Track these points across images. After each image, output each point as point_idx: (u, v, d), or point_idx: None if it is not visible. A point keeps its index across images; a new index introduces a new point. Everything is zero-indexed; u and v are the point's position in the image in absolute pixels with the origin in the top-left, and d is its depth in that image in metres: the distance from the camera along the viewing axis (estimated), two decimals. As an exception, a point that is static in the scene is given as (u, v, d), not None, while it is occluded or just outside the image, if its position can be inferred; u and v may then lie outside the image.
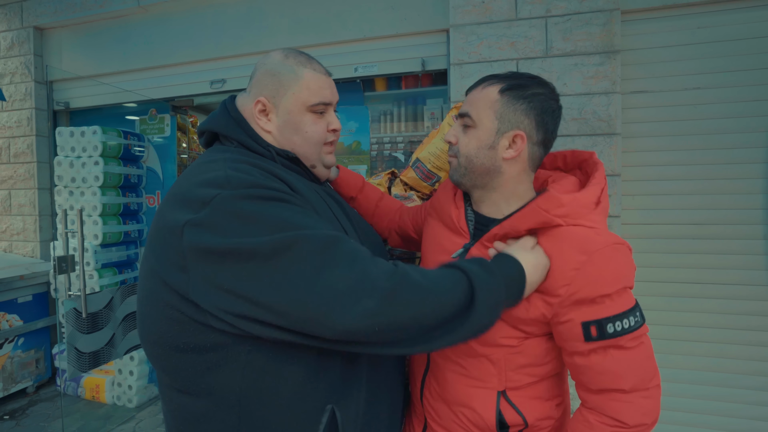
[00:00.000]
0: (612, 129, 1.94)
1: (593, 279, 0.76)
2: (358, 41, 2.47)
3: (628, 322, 0.77)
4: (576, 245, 0.78)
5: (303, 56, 0.92)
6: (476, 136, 0.87)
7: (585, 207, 0.82)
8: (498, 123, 0.85)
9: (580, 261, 0.77)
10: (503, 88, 0.85)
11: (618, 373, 0.77)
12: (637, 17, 1.99)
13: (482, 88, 0.88)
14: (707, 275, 1.97)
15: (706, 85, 1.95)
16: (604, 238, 0.79)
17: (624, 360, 0.77)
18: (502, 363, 0.85)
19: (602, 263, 0.76)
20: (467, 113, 0.88)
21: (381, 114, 2.75)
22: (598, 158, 0.93)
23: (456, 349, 0.89)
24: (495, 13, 2.09)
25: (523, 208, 0.82)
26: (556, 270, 0.79)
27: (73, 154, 2.79)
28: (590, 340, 0.77)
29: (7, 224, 3.24)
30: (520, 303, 0.80)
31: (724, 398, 1.95)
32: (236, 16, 2.69)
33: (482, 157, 0.86)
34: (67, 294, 2.17)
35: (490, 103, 0.85)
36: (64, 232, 2.28)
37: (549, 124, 0.86)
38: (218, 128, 0.90)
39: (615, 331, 0.76)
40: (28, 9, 3.10)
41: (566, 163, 0.99)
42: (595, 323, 0.77)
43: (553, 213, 0.79)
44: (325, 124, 0.93)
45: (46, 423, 2.61)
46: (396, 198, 1.41)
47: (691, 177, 1.98)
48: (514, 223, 0.83)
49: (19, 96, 3.15)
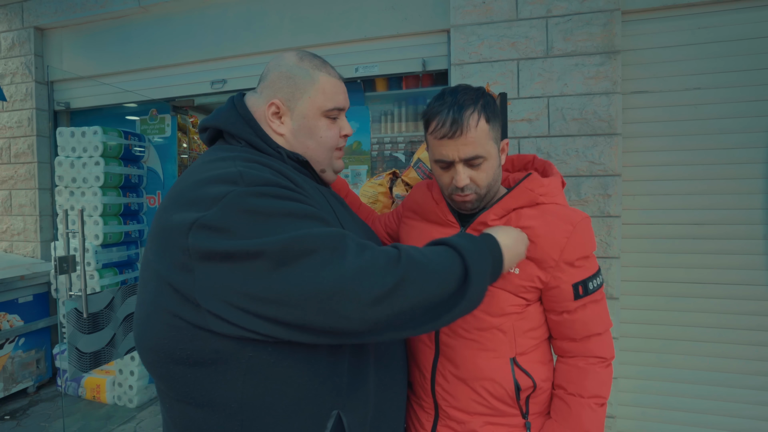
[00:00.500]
0: (612, 129, 1.94)
1: (579, 244, 0.94)
2: (358, 41, 2.48)
3: (599, 280, 0.99)
4: (563, 218, 0.95)
5: (318, 59, 0.91)
6: (490, 164, 0.93)
7: (557, 188, 1.01)
8: (495, 144, 0.94)
9: (568, 230, 0.94)
10: (487, 117, 0.90)
11: (596, 320, 0.98)
12: (637, 17, 2.00)
13: (475, 125, 0.89)
14: (707, 275, 1.98)
15: (707, 86, 1.95)
16: (579, 213, 0.98)
17: (597, 310, 0.98)
18: (511, 331, 0.97)
19: (583, 232, 0.95)
20: (478, 155, 0.90)
21: (382, 114, 2.75)
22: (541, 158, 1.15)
23: (468, 325, 0.98)
24: (496, 14, 2.09)
25: (513, 190, 0.98)
26: (548, 238, 0.94)
27: (74, 155, 2.79)
28: (578, 297, 0.96)
29: (7, 224, 3.24)
30: (517, 273, 0.95)
31: (724, 398, 1.95)
32: (237, 16, 2.70)
33: (496, 176, 0.96)
34: (68, 294, 2.17)
35: (487, 135, 0.90)
36: (64, 233, 2.28)
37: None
38: (225, 125, 0.88)
39: (593, 287, 0.97)
40: (28, 9, 3.10)
41: (514, 165, 1.16)
42: (581, 283, 0.96)
43: (537, 192, 0.97)
44: (338, 129, 0.93)
45: (46, 423, 2.61)
46: (398, 198, 1.41)
47: (692, 177, 1.99)
48: (505, 204, 0.97)
49: (20, 96, 3.16)
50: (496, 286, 0.95)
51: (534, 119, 2.04)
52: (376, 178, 1.53)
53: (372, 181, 1.51)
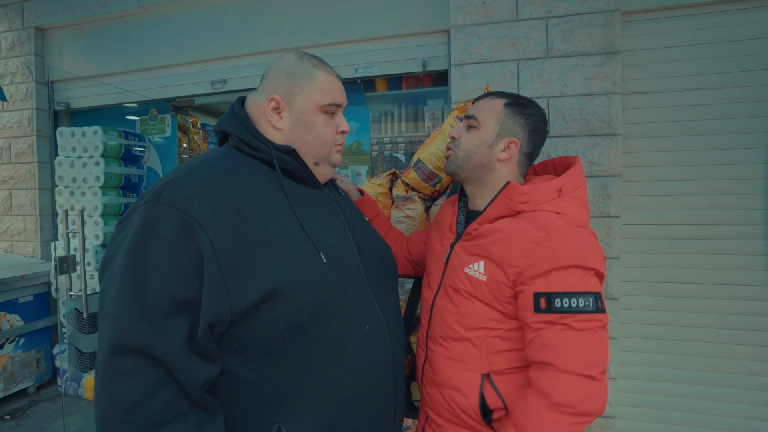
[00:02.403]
0: (612, 130, 1.94)
1: (549, 252, 0.85)
2: (359, 42, 2.48)
3: (577, 302, 0.82)
4: (536, 224, 0.88)
5: (316, 59, 0.95)
6: (478, 135, 1.02)
7: (545, 195, 0.94)
8: (499, 128, 1.01)
9: (539, 236, 0.86)
10: (508, 102, 1.03)
11: (557, 348, 0.82)
12: (637, 18, 2.00)
13: (490, 98, 1.05)
14: (707, 275, 1.98)
15: (707, 86, 1.95)
16: (565, 220, 0.89)
17: (566, 339, 0.82)
18: (483, 346, 0.93)
19: (559, 240, 0.86)
20: (474, 116, 1.04)
21: (382, 114, 2.76)
22: (580, 160, 1.09)
23: (444, 333, 0.99)
24: (496, 14, 2.09)
25: (493, 201, 0.97)
26: (515, 243, 0.88)
27: (74, 155, 2.80)
28: (539, 311, 0.84)
29: (7, 224, 3.24)
30: (485, 280, 0.92)
31: (724, 398, 1.95)
32: (237, 16, 2.70)
33: (480, 154, 1.02)
34: (68, 294, 2.17)
35: (495, 111, 1.02)
36: (65, 233, 2.28)
37: (537, 142, 1.04)
38: (223, 126, 0.94)
39: (562, 306, 0.83)
40: (29, 9, 3.10)
41: (556, 169, 1.11)
42: (544, 295, 0.84)
43: (515, 200, 0.93)
44: (335, 125, 0.95)
45: (47, 423, 2.61)
46: (398, 198, 1.41)
47: (692, 178, 1.99)
48: (488, 214, 0.97)
49: (20, 96, 3.16)
50: (468, 294, 0.95)
51: (534, 120, 2.03)
52: (376, 178, 1.53)
53: (372, 181, 1.51)
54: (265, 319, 0.74)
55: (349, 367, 0.82)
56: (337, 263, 0.83)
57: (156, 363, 0.67)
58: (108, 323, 0.68)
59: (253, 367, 0.76)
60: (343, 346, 0.81)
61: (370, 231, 1.05)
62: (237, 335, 0.75)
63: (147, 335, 0.67)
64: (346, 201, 1.08)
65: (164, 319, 0.68)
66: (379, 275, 0.97)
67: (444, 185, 1.42)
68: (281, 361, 0.76)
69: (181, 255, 0.70)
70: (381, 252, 1.03)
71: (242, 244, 0.74)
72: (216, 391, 0.76)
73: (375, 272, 0.95)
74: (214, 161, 0.83)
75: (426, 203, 1.45)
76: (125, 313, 0.67)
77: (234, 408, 0.76)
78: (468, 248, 0.99)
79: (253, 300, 0.73)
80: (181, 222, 0.71)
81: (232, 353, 0.76)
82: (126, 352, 0.66)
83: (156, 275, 0.69)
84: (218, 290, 0.71)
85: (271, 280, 0.74)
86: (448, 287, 1.01)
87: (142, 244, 0.70)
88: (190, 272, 0.70)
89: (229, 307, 0.72)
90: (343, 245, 0.90)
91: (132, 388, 0.66)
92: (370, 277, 0.92)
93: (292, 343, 0.77)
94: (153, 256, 0.70)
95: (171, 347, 0.67)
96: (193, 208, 0.73)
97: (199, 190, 0.75)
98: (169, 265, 0.70)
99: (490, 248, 0.92)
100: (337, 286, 0.82)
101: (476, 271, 0.94)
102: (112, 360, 0.67)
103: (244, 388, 0.76)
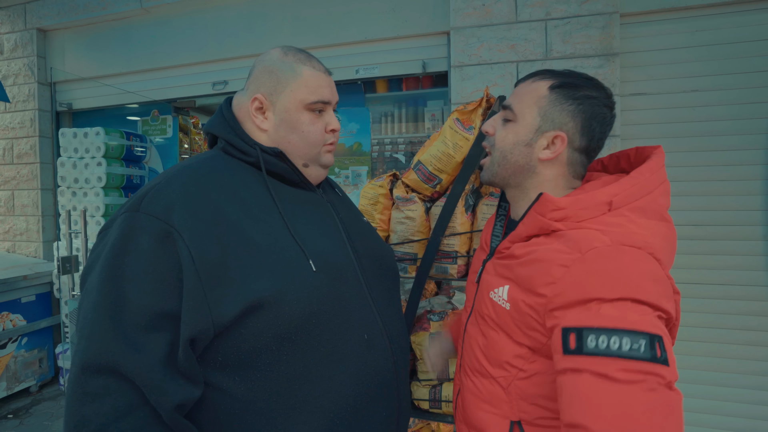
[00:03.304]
0: (611, 131, 1.96)
1: (582, 278, 0.63)
2: (359, 43, 2.49)
3: (619, 342, 0.58)
4: (570, 243, 0.67)
5: (302, 54, 0.89)
6: (514, 130, 0.81)
7: (589, 209, 0.71)
8: (540, 120, 0.79)
9: (570, 258, 0.65)
10: (554, 84, 0.79)
11: (591, 403, 0.58)
12: (635, 20, 2.01)
13: (532, 81, 0.81)
14: (706, 276, 1.99)
15: (704, 88, 1.97)
16: (610, 238, 0.66)
17: (604, 392, 0.57)
18: (512, 389, 0.75)
19: (596, 262, 0.64)
20: (510, 106, 0.82)
21: (382, 115, 2.77)
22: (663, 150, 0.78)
23: (471, 364, 0.85)
24: (495, 16, 2.10)
25: (524, 217, 0.76)
26: (541, 268, 0.68)
27: (76, 155, 2.81)
28: (568, 353, 0.62)
29: (10, 225, 3.26)
30: (508, 309, 0.74)
31: (722, 397, 1.97)
32: (238, 18, 2.71)
33: (517, 154, 0.81)
34: (70, 294, 2.19)
35: (536, 99, 0.79)
36: (67, 233, 2.30)
37: (596, 131, 0.78)
38: (211, 128, 0.91)
39: (597, 347, 0.59)
40: (31, 11, 3.12)
41: (630, 163, 0.85)
42: (575, 330, 0.62)
43: (549, 217, 0.72)
44: (324, 124, 0.89)
45: (49, 422, 2.63)
46: (398, 200, 1.42)
47: (690, 178, 2.00)
48: (519, 232, 0.77)
49: (23, 97, 3.17)
50: (493, 323, 0.79)
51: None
52: (377, 179, 1.54)
53: (373, 182, 1.53)
54: (250, 331, 0.70)
55: (345, 378, 0.77)
56: (328, 270, 0.79)
57: (128, 384, 0.64)
58: (81, 339, 0.65)
59: (241, 380, 0.72)
60: (337, 357, 0.76)
61: (367, 232, 0.99)
62: (221, 348, 0.71)
63: (120, 353, 0.63)
64: (342, 202, 1.01)
65: (141, 335, 0.65)
66: (378, 278, 0.91)
67: (444, 186, 1.43)
68: (270, 374, 0.72)
69: (160, 266, 0.67)
70: (379, 253, 0.97)
71: (224, 254, 0.70)
72: (203, 406, 0.72)
73: (373, 275, 0.90)
74: (198, 166, 0.80)
75: (426, 204, 1.46)
76: (98, 329, 0.64)
77: (223, 423, 0.72)
78: (498, 268, 0.81)
79: (235, 312, 0.68)
80: (160, 231, 0.68)
81: (217, 366, 0.72)
82: (97, 371, 0.64)
83: (133, 288, 0.66)
84: (198, 303, 0.67)
85: (255, 291, 0.70)
86: (477, 313, 0.86)
87: (119, 255, 0.67)
88: (170, 284, 0.67)
89: (211, 321, 0.68)
90: (336, 249, 0.85)
91: (100, 410, 0.63)
92: (368, 281, 0.87)
93: (281, 356, 0.73)
94: (131, 267, 0.67)
95: (145, 366, 0.64)
96: (173, 217, 0.69)
97: (179, 198, 0.72)
98: (147, 277, 0.67)
99: (518, 270, 0.74)
100: (329, 295, 0.77)
101: (500, 297, 0.77)
102: (82, 379, 0.64)
103: (233, 402, 0.72)
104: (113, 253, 0.68)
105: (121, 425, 0.63)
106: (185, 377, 0.68)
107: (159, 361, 0.65)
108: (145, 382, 0.64)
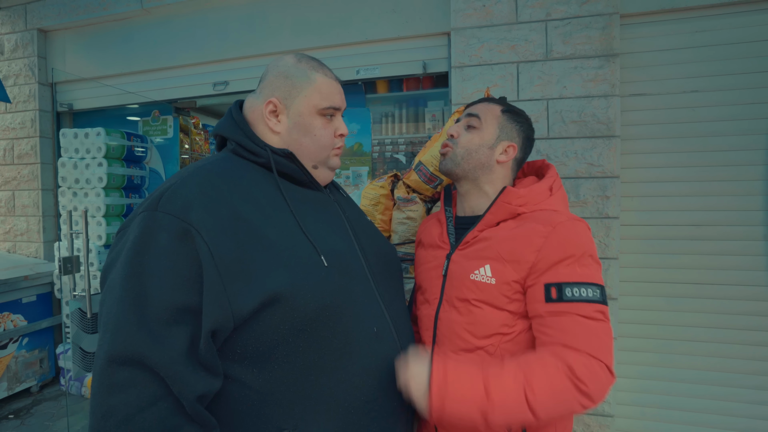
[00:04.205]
0: (611, 131, 1.96)
1: (557, 244, 0.90)
2: (360, 44, 2.49)
3: (586, 292, 0.86)
4: (541, 221, 0.93)
5: (315, 61, 0.94)
6: (480, 135, 1.06)
7: (540, 195, 1.00)
8: (499, 131, 1.07)
9: (546, 231, 0.91)
10: (504, 109, 1.09)
11: (579, 334, 0.84)
12: (636, 21, 2.01)
13: (488, 103, 1.10)
14: (706, 276, 1.99)
15: (704, 88, 1.97)
16: (565, 215, 0.95)
17: (583, 325, 0.84)
18: (498, 353, 0.93)
19: (565, 232, 0.91)
20: (477, 114, 1.08)
21: (382, 116, 2.77)
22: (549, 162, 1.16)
23: (454, 345, 0.98)
24: (496, 17, 2.11)
25: (492, 206, 1.00)
26: (524, 240, 0.92)
27: (77, 156, 2.81)
28: (550, 301, 0.87)
29: (10, 225, 3.26)
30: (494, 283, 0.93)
31: (723, 397, 1.97)
32: (239, 18, 2.72)
33: (481, 154, 1.06)
34: (71, 294, 2.19)
35: (495, 115, 1.08)
36: (68, 233, 2.30)
37: (527, 149, 1.12)
38: (221, 130, 0.93)
39: (573, 296, 0.86)
40: (32, 11, 3.12)
41: (524, 172, 1.20)
42: (555, 285, 0.87)
43: (514, 203, 0.98)
44: (333, 128, 0.94)
45: (50, 422, 2.63)
46: (399, 200, 1.43)
47: (690, 179, 2.00)
48: (488, 220, 1.00)
49: (23, 98, 3.18)
50: (477, 301, 0.94)
51: (533, 121, 2.03)
52: (378, 180, 1.55)
53: (374, 183, 1.53)
54: (267, 323, 0.74)
55: (358, 369, 0.81)
56: (338, 265, 0.82)
57: (152, 375, 0.66)
58: (106, 333, 0.68)
59: (259, 371, 0.75)
60: (350, 348, 0.80)
61: (372, 231, 1.04)
62: (240, 340, 0.74)
63: (145, 345, 0.66)
64: (347, 202, 1.07)
65: (164, 329, 0.67)
66: (384, 275, 0.96)
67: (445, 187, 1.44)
68: (287, 365, 0.76)
69: (180, 263, 0.70)
70: (384, 251, 1.02)
71: (241, 250, 0.73)
72: (221, 398, 0.74)
73: (379, 272, 0.94)
74: (211, 167, 0.83)
75: (427, 205, 1.47)
76: (124, 322, 0.67)
77: (241, 415, 0.75)
78: (470, 255, 0.99)
79: (254, 305, 0.72)
80: (179, 229, 0.71)
81: (236, 358, 0.75)
82: (123, 363, 0.66)
83: (155, 284, 0.68)
84: (219, 297, 0.70)
85: (271, 286, 0.73)
86: (453, 299, 1.00)
87: (140, 253, 0.70)
88: (190, 280, 0.70)
89: (231, 314, 0.71)
90: (345, 246, 0.89)
91: (126, 401, 0.65)
92: (375, 277, 0.91)
93: (297, 347, 0.76)
94: (152, 264, 0.69)
95: (169, 358, 0.66)
96: (191, 215, 0.72)
97: (196, 197, 0.75)
98: (168, 273, 0.69)
99: (498, 248, 0.95)
100: (340, 289, 0.81)
101: (483, 275, 0.95)
102: (109, 370, 0.66)
103: (251, 393, 0.75)
104: (134, 251, 0.70)
105: (146, 415, 0.65)
106: (206, 369, 0.71)
107: (181, 354, 0.68)
108: (168, 373, 0.66)
